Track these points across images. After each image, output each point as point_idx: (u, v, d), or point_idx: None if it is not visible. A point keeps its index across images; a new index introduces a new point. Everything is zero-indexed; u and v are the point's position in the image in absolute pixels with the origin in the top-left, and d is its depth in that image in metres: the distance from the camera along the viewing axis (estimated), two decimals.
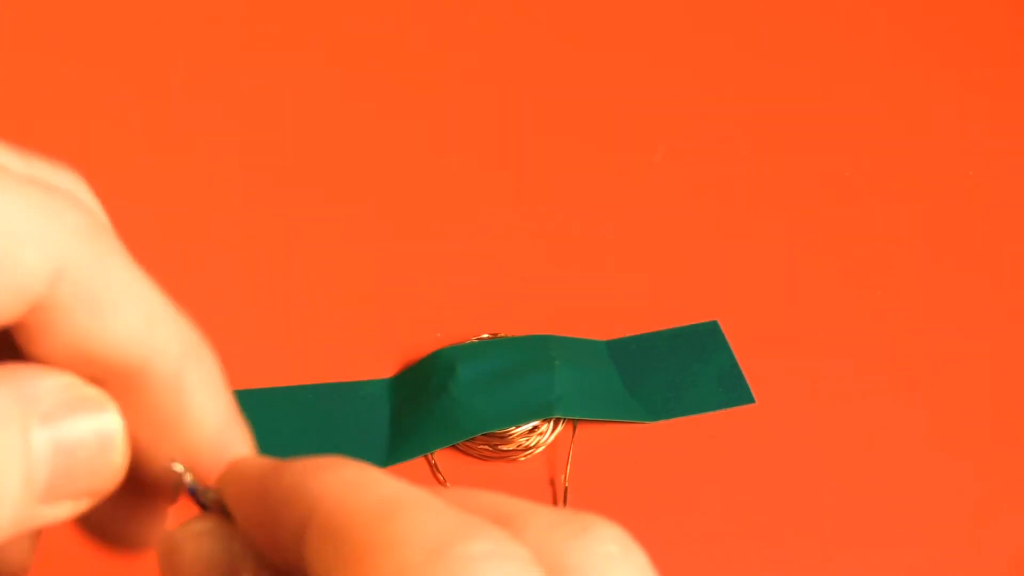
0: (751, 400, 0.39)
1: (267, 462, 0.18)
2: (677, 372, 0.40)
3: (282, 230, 0.45)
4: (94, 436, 0.17)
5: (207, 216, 0.46)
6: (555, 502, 0.36)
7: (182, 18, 0.53)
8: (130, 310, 0.18)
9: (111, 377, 0.18)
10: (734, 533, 0.35)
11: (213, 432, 0.19)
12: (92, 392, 0.17)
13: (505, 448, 0.37)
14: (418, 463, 0.37)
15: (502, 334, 0.40)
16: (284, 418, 0.38)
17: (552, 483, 0.36)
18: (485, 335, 0.40)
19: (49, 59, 0.51)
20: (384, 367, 0.40)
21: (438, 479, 0.37)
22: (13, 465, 0.15)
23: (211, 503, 0.19)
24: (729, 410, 0.39)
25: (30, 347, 0.18)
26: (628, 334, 0.41)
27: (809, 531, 0.35)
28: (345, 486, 0.15)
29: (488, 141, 0.49)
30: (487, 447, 0.37)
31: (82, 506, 0.17)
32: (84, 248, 0.17)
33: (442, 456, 0.37)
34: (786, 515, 0.36)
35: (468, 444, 0.37)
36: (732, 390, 0.39)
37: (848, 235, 0.45)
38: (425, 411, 0.38)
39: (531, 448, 0.37)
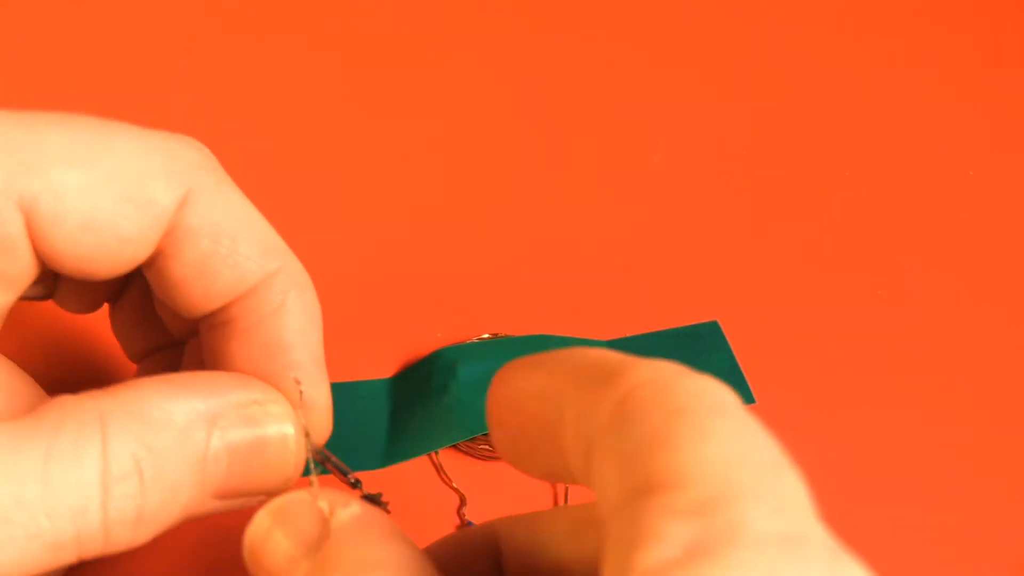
0: (751, 400, 0.39)
1: None
2: None
3: (280, 230, 0.45)
4: (269, 446, 0.18)
5: None
6: (555, 501, 0.36)
7: (179, 15, 0.53)
8: (246, 237, 0.20)
9: (225, 298, 0.20)
10: None
11: (303, 360, 0.20)
12: (274, 409, 0.19)
13: None
14: (419, 462, 0.37)
15: (502, 334, 0.40)
16: None
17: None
18: (485, 335, 0.40)
19: (47, 59, 0.51)
20: (384, 367, 0.40)
21: (443, 479, 0.37)
22: (190, 467, 0.17)
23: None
24: None
25: (163, 274, 0.19)
26: (628, 334, 0.41)
27: None
28: None
29: (488, 140, 0.49)
30: (487, 447, 0.37)
31: (254, 502, 0.18)
32: (203, 180, 0.19)
33: (442, 456, 0.37)
34: None
35: (468, 444, 0.37)
36: (732, 390, 0.39)
37: (848, 235, 0.45)
38: (425, 411, 0.38)
39: None
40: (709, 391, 0.15)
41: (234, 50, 0.52)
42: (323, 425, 0.21)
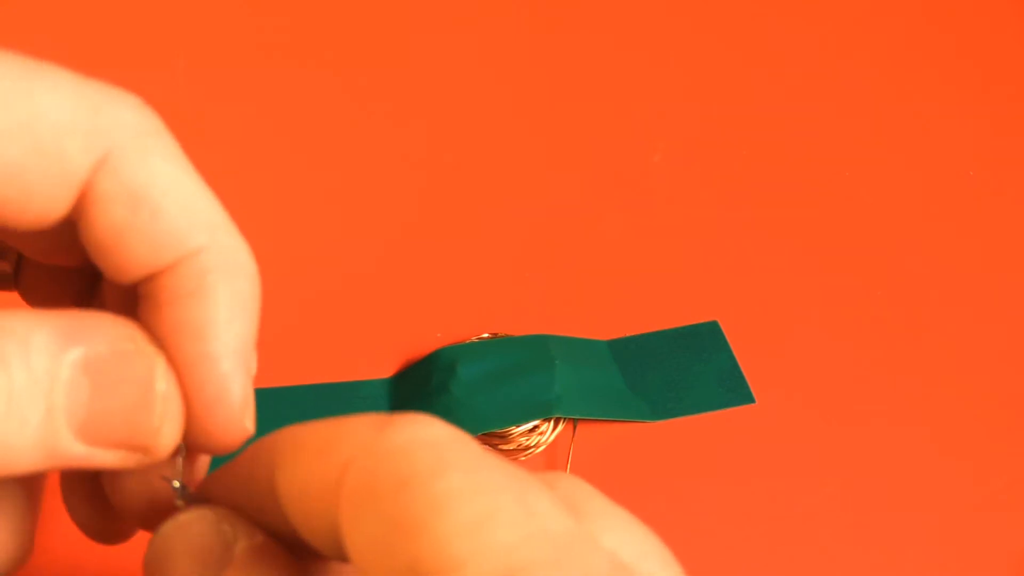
0: (751, 400, 0.39)
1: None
2: (677, 372, 0.40)
3: (281, 229, 0.45)
4: (136, 388, 0.17)
5: None
6: None
7: (180, 17, 0.53)
8: (171, 211, 0.18)
9: (141, 272, 0.18)
10: (734, 533, 0.35)
11: (216, 352, 0.18)
12: (148, 349, 0.17)
13: (505, 448, 0.37)
14: None
15: (502, 334, 0.40)
16: (284, 418, 0.38)
17: None
18: (485, 335, 0.40)
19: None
20: (384, 367, 0.40)
21: None
22: (37, 383, 0.16)
23: (188, 496, 0.19)
24: (729, 410, 0.39)
25: (84, 238, 0.18)
26: (628, 334, 0.41)
27: (809, 531, 0.35)
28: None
29: (487, 141, 0.49)
30: (487, 447, 0.37)
31: (128, 461, 0.17)
32: (130, 143, 0.18)
33: None
34: (786, 515, 0.36)
35: None
36: (732, 390, 0.39)
37: (848, 235, 0.45)
38: (425, 411, 0.37)
39: (531, 448, 0.37)
40: (415, 442, 0.15)
41: (233, 50, 0.52)
42: (228, 426, 0.18)
